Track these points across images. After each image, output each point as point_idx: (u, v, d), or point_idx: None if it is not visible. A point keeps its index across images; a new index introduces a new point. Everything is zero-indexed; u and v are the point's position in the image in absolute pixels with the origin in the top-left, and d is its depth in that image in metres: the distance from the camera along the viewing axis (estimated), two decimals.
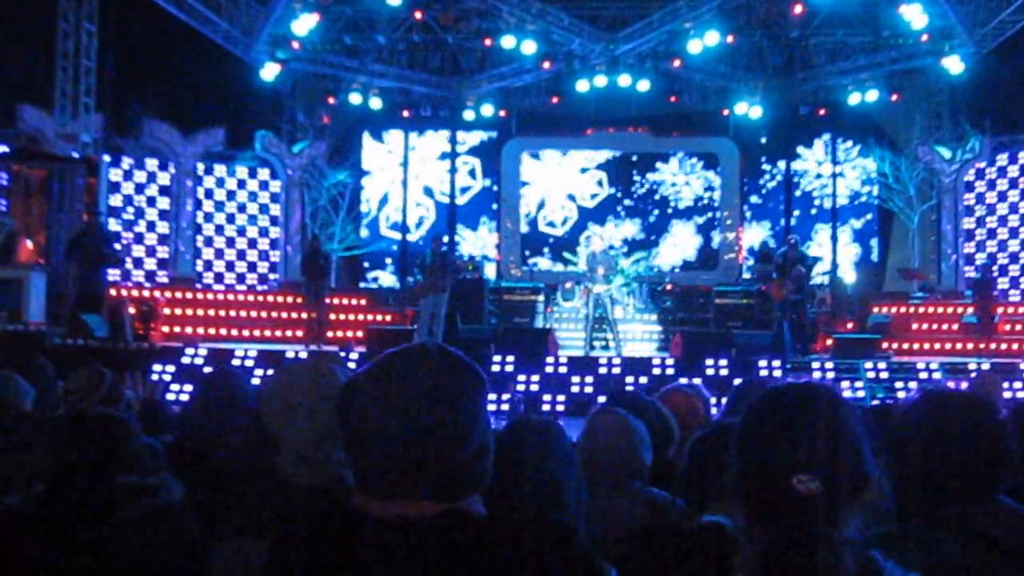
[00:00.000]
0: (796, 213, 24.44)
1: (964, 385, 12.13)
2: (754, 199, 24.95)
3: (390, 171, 25.05)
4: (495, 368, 14.18)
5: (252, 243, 21.79)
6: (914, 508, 2.30)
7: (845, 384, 14.04)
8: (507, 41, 20.07)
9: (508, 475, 2.40)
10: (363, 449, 1.77)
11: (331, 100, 22.43)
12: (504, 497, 1.90)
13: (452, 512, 1.73)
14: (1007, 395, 12.04)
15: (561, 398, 13.94)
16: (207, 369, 13.53)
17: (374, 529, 1.72)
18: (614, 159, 25.03)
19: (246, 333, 17.61)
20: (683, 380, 8.05)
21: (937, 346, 17.50)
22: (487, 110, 23.18)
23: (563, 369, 14.50)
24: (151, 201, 20.52)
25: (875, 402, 12.44)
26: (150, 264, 20.46)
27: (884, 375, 14.50)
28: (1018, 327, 17.84)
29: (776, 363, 14.53)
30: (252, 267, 21.75)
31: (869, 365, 14.62)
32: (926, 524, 2.24)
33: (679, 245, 24.69)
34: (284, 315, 18.45)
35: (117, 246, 18.59)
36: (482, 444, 1.80)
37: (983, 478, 2.27)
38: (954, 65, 19.91)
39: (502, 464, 1.93)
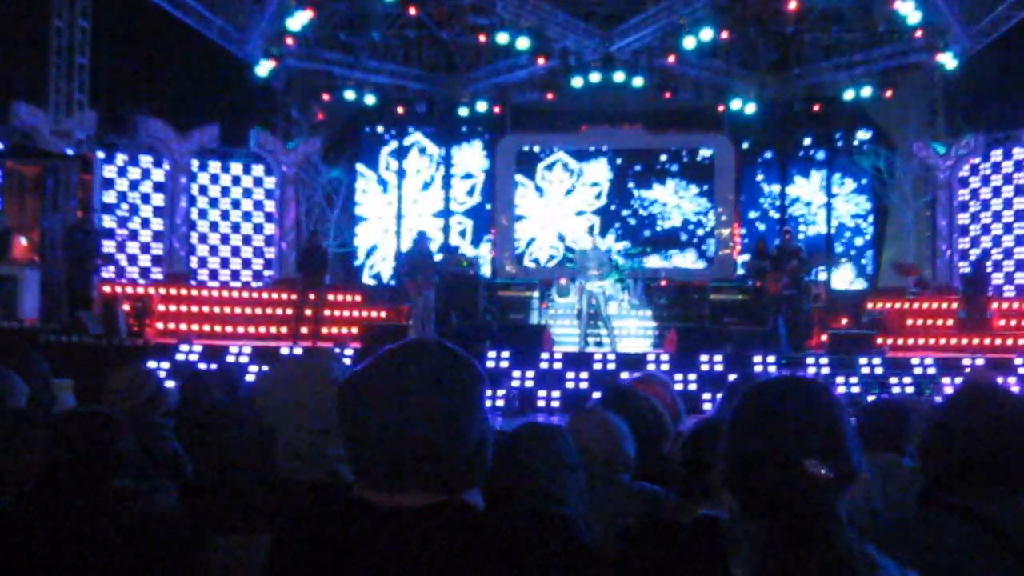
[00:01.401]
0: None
1: (959, 380, 12.15)
2: (752, 214, 24.86)
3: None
4: (490, 364, 14.17)
5: (247, 240, 21.76)
6: (935, 498, 2.31)
7: (840, 380, 14.05)
8: (501, 37, 20.06)
9: (515, 478, 2.41)
10: (363, 443, 1.78)
11: (326, 96, 22.38)
12: (510, 497, 1.90)
13: (451, 503, 1.75)
14: None
15: (556, 394, 13.95)
16: (201, 366, 13.55)
17: (372, 518, 1.74)
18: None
19: (241, 330, 17.60)
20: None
21: (932, 341, 17.52)
22: (481, 106, 23.16)
23: (558, 365, 14.50)
24: (145, 198, 20.48)
25: (871, 398, 12.46)
26: (144, 261, 20.43)
27: (879, 371, 14.52)
28: (1012, 322, 17.88)
29: (771, 359, 14.55)
30: (247, 264, 21.73)
31: (864, 361, 14.64)
32: (943, 514, 2.25)
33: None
34: (279, 312, 18.44)
35: (109, 243, 18.66)
36: (480, 438, 1.81)
37: (1014, 476, 2.28)
38: (949, 61, 19.93)
39: (509, 467, 1.94)
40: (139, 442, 3.30)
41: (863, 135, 23.63)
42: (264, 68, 20.29)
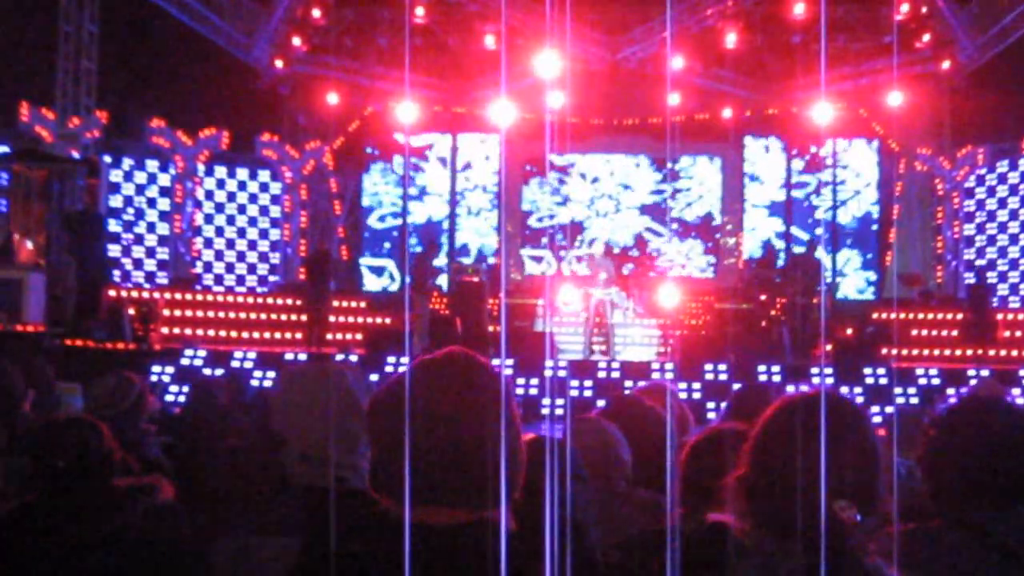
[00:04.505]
0: None
1: (963, 391, 12.08)
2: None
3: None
4: None
5: (252, 245, 21.77)
6: (940, 510, 2.31)
7: (844, 390, 14.00)
8: (508, 44, 20.07)
9: (527, 488, 2.41)
10: (392, 459, 1.77)
11: (332, 102, 22.42)
12: (524, 507, 1.90)
13: (480, 522, 1.74)
14: None
15: (560, 402, 13.91)
16: (206, 371, 13.57)
17: (400, 534, 1.73)
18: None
19: (245, 335, 17.58)
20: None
21: (937, 352, 17.47)
22: (488, 113, 23.17)
23: (562, 373, 14.47)
24: (151, 202, 20.51)
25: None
26: (150, 265, 20.45)
27: (883, 381, 14.48)
28: (1018, 333, 17.84)
29: (775, 368, 14.51)
30: (252, 269, 21.73)
31: (868, 371, 14.59)
32: (949, 525, 2.25)
33: None
34: (284, 317, 18.42)
35: (115, 247, 18.70)
36: (512, 454, 1.80)
37: (1015, 488, 2.28)
38: (955, 71, 19.93)
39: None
40: (123, 448, 3.32)
41: (869, 145, 23.66)
42: (271, 74, 20.38)
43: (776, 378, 14.09)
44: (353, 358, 14.36)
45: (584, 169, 25.00)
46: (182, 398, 11.97)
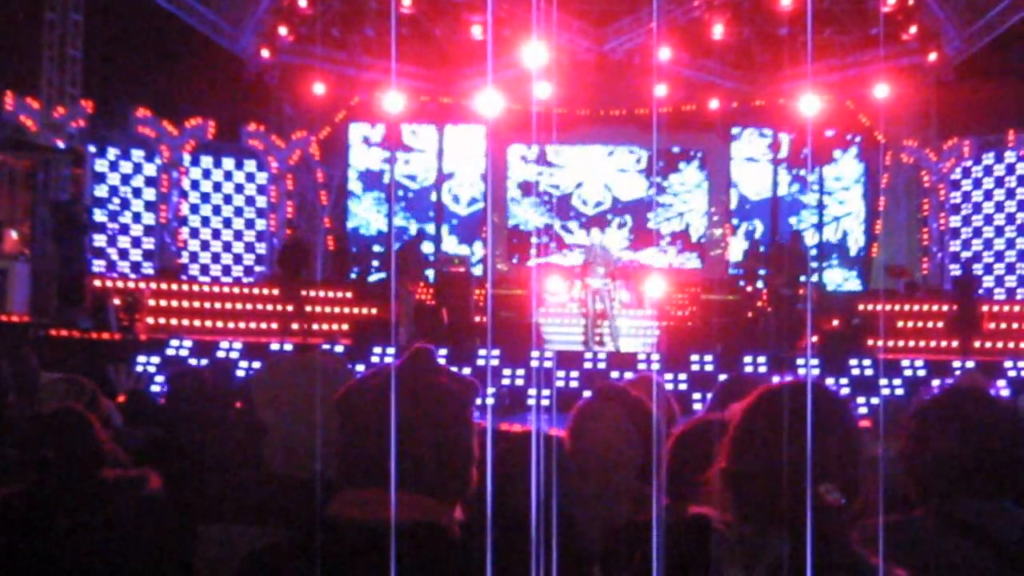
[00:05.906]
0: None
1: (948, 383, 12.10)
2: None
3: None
4: (480, 362, 14.16)
5: (238, 235, 21.69)
6: (922, 501, 2.31)
7: (830, 381, 14.01)
8: (495, 35, 20.04)
9: (513, 482, 2.41)
10: (355, 455, 1.79)
11: (319, 92, 22.35)
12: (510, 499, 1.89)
13: (430, 523, 1.74)
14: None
15: (546, 393, 13.93)
16: (192, 361, 13.54)
17: (350, 533, 1.72)
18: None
19: (231, 325, 17.54)
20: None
21: (922, 344, 17.52)
22: (475, 103, 23.13)
23: (548, 364, 14.47)
24: (137, 192, 20.41)
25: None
26: (135, 255, 20.37)
27: (869, 372, 14.52)
28: (1003, 325, 17.91)
29: (761, 359, 14.54)
30: (238, 259, 21.67)
31: (854, 362, 14.64)
32: (931, 516, 2.25)
33: None
34: (269, 307, 18.38)
35: (100, 237, 18.61)
36: (465, 455, 1.82)
37: (997, 480, 2.28)
38: (942, 63, 19.97)
39: (508, 471, 1.92)
40: None
41: (856, 137, 23.71)
42: (257, 63, 20.32)
43: (762, 369, 14.12)
44: (339, 348, 14.34)
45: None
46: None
